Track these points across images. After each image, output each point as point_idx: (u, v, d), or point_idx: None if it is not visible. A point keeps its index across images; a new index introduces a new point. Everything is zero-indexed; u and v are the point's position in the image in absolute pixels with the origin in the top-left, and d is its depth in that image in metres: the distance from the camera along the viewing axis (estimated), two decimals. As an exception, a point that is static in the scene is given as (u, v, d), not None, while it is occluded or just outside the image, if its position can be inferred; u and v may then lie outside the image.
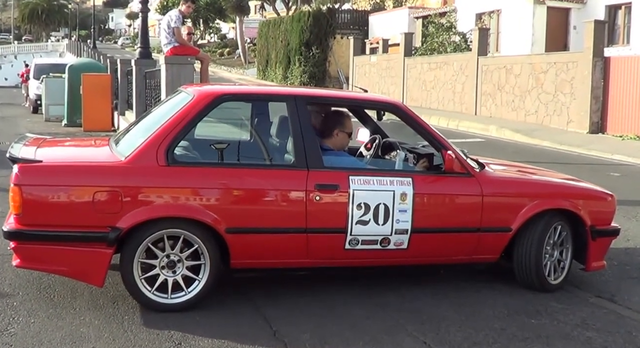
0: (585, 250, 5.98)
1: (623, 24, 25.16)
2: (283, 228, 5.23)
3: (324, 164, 5.35)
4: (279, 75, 44.08)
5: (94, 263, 4.91)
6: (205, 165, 5.32)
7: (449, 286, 5.91)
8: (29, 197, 4.82)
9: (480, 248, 5.76)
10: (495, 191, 5.74)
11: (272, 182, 5.24)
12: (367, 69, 34.16)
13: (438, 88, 27.37)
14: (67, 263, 4.94)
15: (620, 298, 5.84)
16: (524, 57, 23.35)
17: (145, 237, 4.92)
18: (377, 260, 5.64)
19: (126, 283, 5.02)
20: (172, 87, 10.59)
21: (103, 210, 4.86)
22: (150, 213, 4.91)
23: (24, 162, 4.94)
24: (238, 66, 56.92)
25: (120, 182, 4.95)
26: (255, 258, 5.27)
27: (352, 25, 41.98)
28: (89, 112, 17.99)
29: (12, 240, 4.95)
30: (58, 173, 5.02)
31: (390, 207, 5.34)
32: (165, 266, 5.01)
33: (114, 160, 5.14)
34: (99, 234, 4.85)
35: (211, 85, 6.99)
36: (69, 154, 6.02)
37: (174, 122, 5.17)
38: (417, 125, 5.75)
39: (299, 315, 5.10)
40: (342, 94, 6.46)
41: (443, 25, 30.20)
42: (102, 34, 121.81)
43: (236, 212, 5.12)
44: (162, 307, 5.02)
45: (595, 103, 19.58)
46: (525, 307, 5.50)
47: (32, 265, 5.07)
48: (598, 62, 19.46)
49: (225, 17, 68.30)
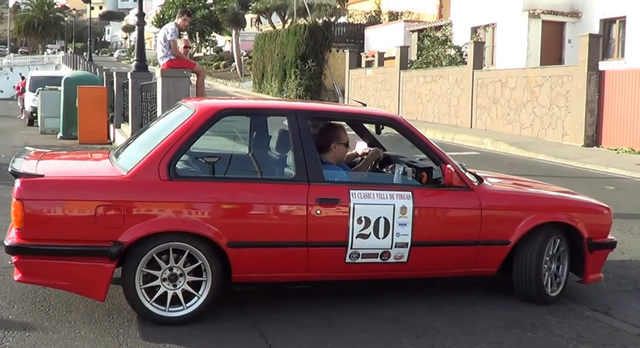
0: (583, 262, 6.02)
1: (618, 38, 25.26)
2: (284, 242, 5.24)
3: (324, 178, 5.38)
4: (274, 88, 44.15)
5: (96, 278, 4.91)
6: (206, 179, 5.33)
7: (445, 300, 5.91)
8: (31, 212, 4.81)
9: (479, 261, 5.79)
10: (493, 204, 5.77)
11: (273, 196, 5.26)
12: (362, 82, 34.24)
13: (433, 101, 27.43)
14: (69, 277, 4.92)
15: (616, 312, 5.84)
16: (519, 71, 23.44)
17: (147, 250, 4.92)
18: (377, 274, 5.66)
19: (127, 296, 5.02)
20: (168, 100, 10.61)
21: (105, 225, 4.87)
22: (152, 227, 4.92)
23: (25, 176, 4.92)
24: (234, 79, 57.01)
25: (122, 196, 4.96)
26: (256, 272, 5.29)
27: (348, 39, 42.09)
28: (84, 124, 17.97)
29: (14, 255, 4.91)
30: (60, 187, 5.01)
31: (390, 221, 5.37)
32: (167, 279, 5.01)
33: (116, 175, 5.15)
34: (101, 248, 4.85)
35: (211, 99, 7.02)
36: (70, 168, 6.01)
37: (175, 137, 5.19)
38: (416, 139, 5.80)
39: (296, 329, 5.09)
40: (342, 108, 6.50)
41: (438, 39, 30.29)
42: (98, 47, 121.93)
43: (237, 226, 5.13)
44: (162, 320, 5.01)
45: (590, 116, 19.65)
46: (521, 320, 5.50)
47: (33, 280, 5.04)
48: (593, 76, 19.55)
49: (221, 30, 68.54)
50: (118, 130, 17.67)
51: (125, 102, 16.45)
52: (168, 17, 63.69)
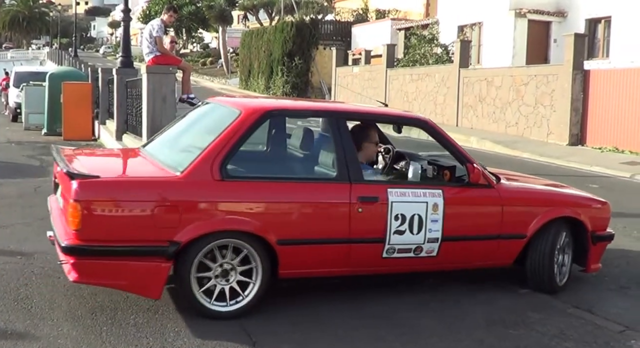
0: (586, 254, 6.46)
1: (603, 38, 25.39)
2: (328, 239, 5.44)
3: (364, 177, 5.61)
4: (261, 85, 44.10)
5: (153, 277, 4.97)
6: (256, 179, 5.46)
7: (430, 297, 5.93)
8: (89, 213, 4.81)
9: (499, 254, 6.16)
10: (512, 201, 6.11)
11: (319, 195, 5.48)
12: (349, 80, 34.25)
13: (420, 99, 27.49)
14: (126, 277, 4.96)
15: (598, 309, 5.88)
16: (505, 70, 23.52)
17: (201, 249, 5.02)
18: (409, 267, 5.92)
19: (182, 294, 5.13)
20: (154, 96, 10.57)
21: (161, 225, 4.94)
22: (207, 227, 5.03)
23: (82, 177, 4.90)
24: (220, 76, 56.86)
25: (178, 196, 5.05)
26: (301, 268, 5.46)
27: (335, 36, 42.11)
28: (69, 120, 17.88)
29: (71, 256, 4.88)
30: (117, 188, 5.08)
31: (423, 217, 5.64)
32: (219, 275, 5.13)
33: (169, 175, 5.21)
34: (158, 248, 4.92)
35: (253, 99, 7.17)
36: (119, 167, 5.98)
37: (225, 137, 5.28)
38: (443, 139, 6.08)
39: (280, 325, 5.09)
40: (377, 111, 6.72)
41: (425, 37, 30.34)
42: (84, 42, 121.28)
43: (286, 224, 5.30)
44: (217, 315, 5.13)
45: (575, 115, 19.76)
46: (505, 317, 5.52)
47: (89, 280, 5.06)
48: (578, 75, 19.65)
49: (208, 26, 68.29)
50: (103, 126, 17.60)
51: (111, 99, 16.37)
52: (154, 13, 63.37)
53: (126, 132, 14.17)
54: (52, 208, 5.89)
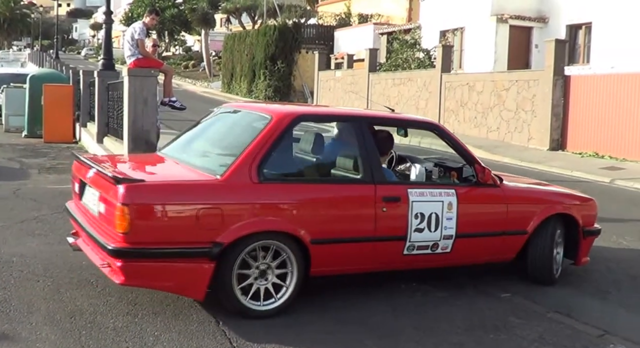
0: (577, 248, 6.93)
1: (583, 44, 25.59)
2: (356, 237, 5.70)
3: (386, 178, 5.94)
4: (243, 89, 44.07)
5: (197, 278, 5.09)
6: (291, 181, 5.74)
7: (408, 301, 5.94)
8: (136, 216, 4.91)
9: (504, 250, 6.57)
10: (515, 200, 6.56)
11: (347, 195, 5.78)
12: (331, 84, 34.30)
13: (402, 104, 27.56)
14: (171, 278, 5.09)
15: (578, 314, 5.91)
16: (487, 75, 23.65)
17: (242, 250, 5.17)
18: (426, 264, 6.23)
19: (223, 294, 5.21)
20: (135, 99, 10.51)
21: (205, 227, 5.06)
22: (249, 228, 5.18)
23: (128, 181, 4.99)
24: (203, 79, 56.78)
25: (221, 199, 5.22)
26: (331, 266, 5.69)
27: (318, 40, 42.16)
28: (50, 123, 17.76)
29: (118, 259, 4.94)
30: (163, 191, 5.19)
31: (440, 216, 5.97)
32: (258, 275, 5.29)
33: (210, 179, 5.33)
34: (202, 250, 5.04)
35: (279, 105, 7.42)
36: (158, 171, 6.04)
37: (260, 142, 5.47)
38: (453, 142, 6.49)
39: (260, 330, 5.08)
40: (393, 116, 7.21)
41: (407, 42, 30.45)
42: (65, 44, 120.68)
43: (318, 224, 5.51)
44: (256, 314, 5.27)
45: (556, 120, 19.90)
46: (484, 321, 5.54)
47: (136, 283, 5.15)
48: (559, 81, 19.79)
49: (190, 29, 68.18)
50: (84, 129, 17.49)
51: (92, 101, 16.27)
52: (137, 15, 63.18)
53: (107, 134, 14.10)
54: (76, 214, 5.93)
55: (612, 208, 11.57)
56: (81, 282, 5.99)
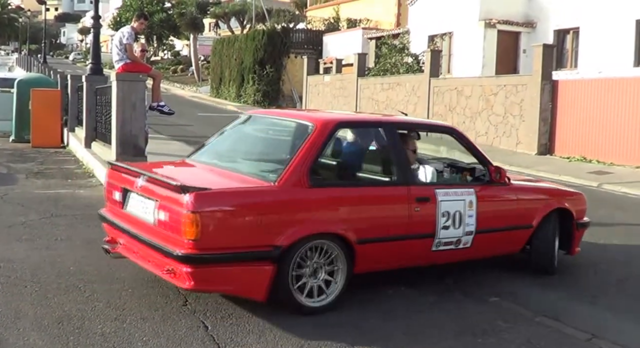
0: (571, 239, 7.45)
1: (571, 48, 25.73)
2: (394, 236, 6.03)
3: (416, 180, 6.32)
4: (232, 93, 44.03)
5: (260, 280, 5.33)
6: (336, 185, 6.12)
7: (397, 306, 5.94)
8: (206, 223, 5.09)
9: (513, 243, 7.09)
10: (523, 196, 7.10)
11: (385, 197, 6.13)
12: (320, 89, 34.33)
13: (390, 108, 27.60)
14: (236, 282, 5.32)
15: (566, 318, 5.92)
16: (475, 79, 23.73)
17: (298, 251, 5.45)
18: (450, 258, 6.65)
19: (282, 293, 5.43)
20: (123, 103, 10.51)
21: (266, 231, 5.32)
22: (304, 231, 5.47)
23: (195, 190, 5.12)
24: (191, 83, 56.69)
25: (279, 204, 5.51)
26: (371, 264, 6.02)
27: (307, 45, 42.19)
28: (37, 128, 17.67)
29: (188, 265, 5.10)
30: (229, 198, 5.38)
31: (462, 214, 6.38)
32: (311, 274, 5.57)
33: (267, 185, 5.57)
34: (264, 253, 5.29)
35: (317, 112, 7.82)
36: (211, 179, 5.99)
37: (308, 148, 5.75)
38: (469, 144, 6.98)
39: (248, 335, 5.07)
40: (418, 121, 8.13)
41: (396, 47, 30.53)
42: (53, 49, 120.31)
43: (363, 225, 5.83)
44: (311, 310, 5.55)
45: (544, 125, 19.97)
46: (472, 326, 5.55)
47: (204, 287, 5.36)
48: (546, 85, 19.87)
49: (179, 34, 68.12)
50: (72, 133, 17.44)
51: (80, 106, 16.24)
52: (125, 20, 63.07)
53: (95, 139, 14.08)
54: (119, 222, 6.01)
55: (600, 212, 11.61)
56: (69, 287, 5.97)
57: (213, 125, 27.36)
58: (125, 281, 6.20)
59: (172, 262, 5.18)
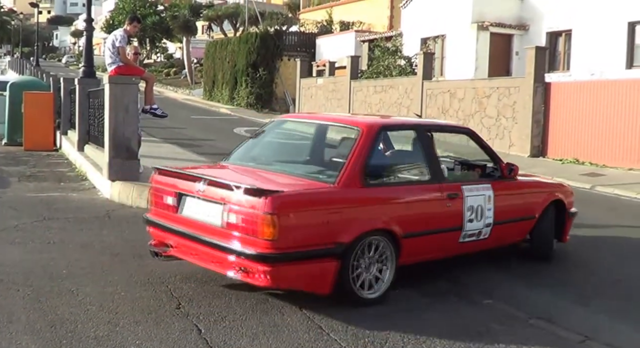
0: (563, 227, 8.15)
1: (563, 51, 25.79)
2: (430, 230, 6.51)
3: (445, 178, 6.79)
4: (225, 96, 43.99)
5: (325, 275, 5.67)
6: (384, 184, 6.51)
7: (393, 308, 5.94)
8: (283, 224, 5.37)
9: (520, 233, 7.74)
10: (528, 190, 7.82)
11: (424, 194, 6.59)
12: (313, 91, 34.33)
13: (384, 111, 27.62)
14: (306, 278, 5.65)
15: (559, 319, 5.93)
16: (468, 82, 23.75)
17: (357, 246, 5.81)
18: (472, 249, 7.17)
19: (342, 287, 5.76)
20: (116, 107, 10.48)
21: (331, 229, 5.67)
22: (362, 228, 5.85)
23: (272, 193, 5.41)
24: (184, 86, 56.63)
25: (341, 203, 5.87)
26: (412, 257, 6.42)
27: (300, 47, 42.16)
28: (30, 131, 17.65)
29: (265, 264, 5.37)
30: (301, 200, 5.73)
31: (483, 207, 6.92)
32: (366, 268, 5.94)
33: (328, 186, 5.94)
34: (330, 250, 5.64)
35: (360, 116, 8.31)
36: (273, 181, 6.17)
37: (360, 151, 6.15)
38: (484, 144, 7.54)
39: (242, 338, 5.06)
40: (439, 123, 8.98)
41: (389, 49, 30.53)
42: (46, 52, 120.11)
43: (408, 221, 6.26)
44: (366, 302, 5.90)
45: (536, 127, 20.02)
46: (467, 328, 5.55)
47: (279, 284, 5.60)
48: (539, 88, 19.92)
49: (172, 36, 68.07)
50: (65, 136, 17.41)
51: (73, 109, 16.21)
52: (118, 22, 63.00)
53: (88, 142, 14.05)
54: (174, 226, 6.17)
55: (593, 214, 11.64)
56: (62, 290, 5.95)
57: (206, 127, 27.42)
58: (118, 284, 6.18)
59: (246, 262, 5.44)
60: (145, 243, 7.01)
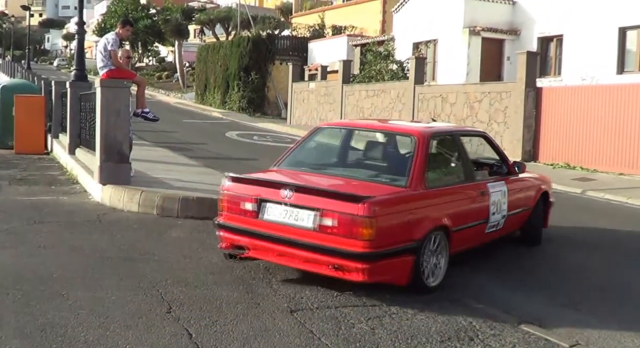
0: (547, 215, 9.33)
1: (555, 56, 25.89)
2: (470, 224, 7.39)
3: (475, 177, 7.79)
4: (217, 100, 43.97)
5: (405, 269, 6.36)
6: (439, 186, 7.19)
7: (384, 313, 5.94)
8: (378, 225, 6.04)
9: (521, 222, 8.75)
10: (527, 184, 8.92)
11: (467, 193, 7.52)
12: (305, 95, 34.34)
13: (375, 115, 27.65)
14: (392, 272, 6.32)
15: (549, 324, 5.94)
16: (459, 86, 23.81)
17: (425, 241, 6.52)
18: (491, 238, 8.09)
19: (414, 277, 6.42)
20: (108, 110, 10.45)
21: (410, 228, 6.40)
22: (430, 225, 6.59)
23: (367, 198, 6.04)
24: (176, 90, 56.58)
25: (415, 205, 6.63)
26: (456, 248, 7.11)
27: (292, 52, 42.21)
28: (21, 134, 17.59)
29: (364, 261, 6.03)
30: (388, 204, 6.35)
31: (501, 201, 7.92)
32: (428, 259, 6.60)
33: (402, 189, 6.62)
34: (409, 246, 6.34)
35: (411, 124, 9.85)
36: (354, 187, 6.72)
37: (421, 156, 6.89)
38: (496, 146, 8.75)
39: (233, 344, 5.05)
40: (462, 128, 10.18)
41: (381, 54, 30.58)
42: (38, 55, 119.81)
43: (457, 216, 7.05)
44: (429, 290, 6.57)
45: (528, 132, 20.07)
46: (458, 333, 5.55)
47: (372, 279, 6.18)
48: (530, 92, 19.98)
49: (164, 40, 67.95)
50: (56, 140, 17.36)
51: (64, 112, 16.16)
52: (110, 26, 62.88)
53: (79, 146, 14.01)
54: (256, 229, 6.58)
55: (584, 218, 11.68)
56: (52, 294, 5.93)
57: (198, 131, 27.39)
58: (109, 288, 6.16)
59: (343, 260, 6.06)
60: (136, 248, 7.02)
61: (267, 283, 6.58)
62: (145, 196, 9.88)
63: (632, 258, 8.87)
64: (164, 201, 9.74)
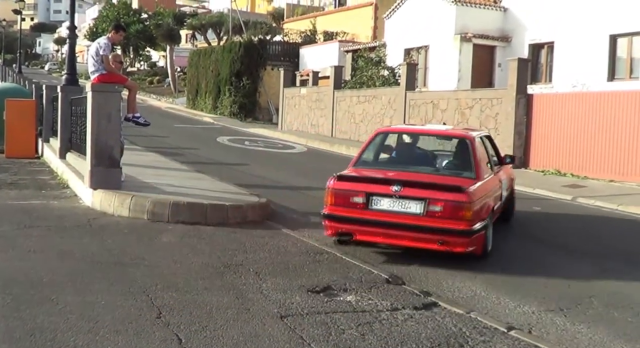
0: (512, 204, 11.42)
1: (546, 63, 25.99)
2: (497, 204, 9.31)
3: (494, 169, 9.78)
4: (208, 105, 43.95)
5: (481, 241, 8.23)
6: (486, 177, 8.96)
7: (374, 319, 5.94)
8: (474, 209, 7.91)
9: (509, 200, 10.82)
10: (510, 173, 11.10)
11: (496, 181, 9.50)
12: (297, 101, 34.35)
13: (367, 121, 27.70)
14: (476, 243, 8.08)
15: (538, 331, 5.96)
16: (450, 93, 23.85)
17: (488, 220, 8.45)
18: (500, 212, 9.81)
19: (486, 248, 8.48)
20: (99, 114, 10.44)
21: (483, 209, 8.26)
22: (491, 206, 8.74)
23: (465, 189, 7.92)
24: (168, 95, 56.54)
25: (483, 192, 8.43)
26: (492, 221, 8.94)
27: (283, 57, 42.25)
28: (12, 138, 17.53)
29: (466, 236, 7.89)
30: (476, 192, 8.10)
31: (504, 186, 9.95)
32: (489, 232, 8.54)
33: (474, 182, 8.35)
34: (483, 223, 8.14)
35: (463, 130, 10.96)
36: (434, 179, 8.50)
37: (476, 154, 8.90)
38: (495, 145, 10.69)
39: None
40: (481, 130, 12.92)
41: (372, 60, 30.64)
42: (29, 59, 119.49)
43: (495, 198, 9.08)
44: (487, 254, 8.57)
45: (519, 138, 20.12)
46: (448, 339, 5.55)
47: (470, 248, 8.02)
48: (521, 99, 20.03)
49: (155, 45, 67.98)
50: (47, 144, 17.32)
51: (55, 116, 16.13)
52: (102, 30, 62.85)
53: (70, 150, 13.98)
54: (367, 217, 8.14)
55: (574, 225, 11.72)
56: (42, 299, 5.90)
57: (189, 136, 27.38)
58: (99, 293, 6.15)
59: (449, 237, 7.89)
60: (126, 253, 6.98)
61: (258, 288, 6.58)
62: (136, 201, 9.86)
63: (623, 265, 8.89)
64: (154, 206, 9.72)
